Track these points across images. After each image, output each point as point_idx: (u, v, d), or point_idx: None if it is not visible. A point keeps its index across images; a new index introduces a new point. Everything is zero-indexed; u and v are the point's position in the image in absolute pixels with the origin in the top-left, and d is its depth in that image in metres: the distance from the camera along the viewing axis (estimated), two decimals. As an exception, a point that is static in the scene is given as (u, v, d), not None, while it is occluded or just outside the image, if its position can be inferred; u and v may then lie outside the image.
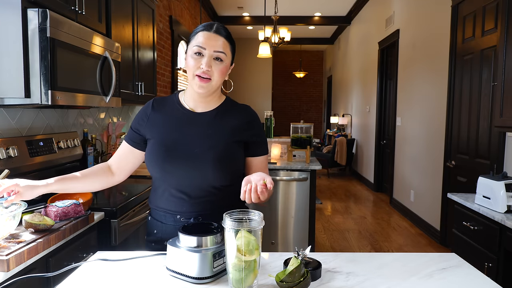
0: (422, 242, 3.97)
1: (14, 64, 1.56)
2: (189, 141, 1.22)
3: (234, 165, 1.25)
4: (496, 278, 1.91)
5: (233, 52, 1.26)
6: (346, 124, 8.85)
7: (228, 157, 1.22)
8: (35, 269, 1.24)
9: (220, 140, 1.22)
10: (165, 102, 1.31)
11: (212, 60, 1.18)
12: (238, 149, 1.25)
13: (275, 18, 5.52)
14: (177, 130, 1.24)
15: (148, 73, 3.14)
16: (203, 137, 1.22)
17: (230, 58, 1.24)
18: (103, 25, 2.28)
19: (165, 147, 1.22)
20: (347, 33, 8.81)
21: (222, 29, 1.22)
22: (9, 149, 1.77)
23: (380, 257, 1.18)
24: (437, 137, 3.93)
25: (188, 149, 1.21)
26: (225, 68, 1.21)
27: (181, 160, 1.20)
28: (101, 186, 1.32)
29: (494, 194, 1.99)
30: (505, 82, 2.20)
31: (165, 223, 1.25)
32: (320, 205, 5.50)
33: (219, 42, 1.19)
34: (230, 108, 1.30)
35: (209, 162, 1.19)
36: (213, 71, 1.18)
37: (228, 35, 1.23)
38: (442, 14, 3.81)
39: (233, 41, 1.25)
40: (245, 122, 1.28)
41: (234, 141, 1.24)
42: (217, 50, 1.18)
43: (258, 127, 1.31)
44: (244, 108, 1.32)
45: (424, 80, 4.33)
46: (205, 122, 1.25)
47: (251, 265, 0.91)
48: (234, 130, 1.25)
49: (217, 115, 1.27)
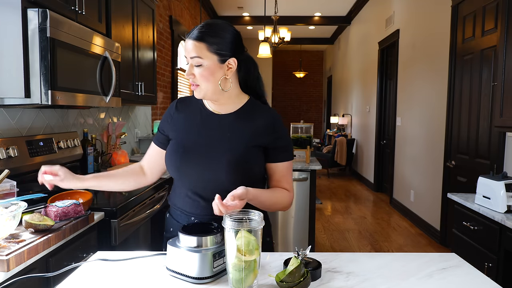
0: (422, 242, 3.97)
1: (14, 64, 1.56)
2: (207, 143, 1.20)
3: (251, 170, 1.20)
4: (496, 278, 1.90)
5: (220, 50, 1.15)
6: (346, 124, 8.85)
7: (244, 162, 1.17)
8: (35, 269, 1.24)
9: (238, 144, 1.19)
10: (189, 103, 1.31)
11: (193, 67, 1.16)
12: (257, 153, 1.20)
13: (275, 18, 5.51)
14: (197, 132, 1.23)
15: (148, 73, 3.14)
16: (221, 140, 1.20)
17: (212, 59, 1.14)
18: (103, 25, 2.28)
19: (183, 148, 1.22)
20: (347, 33, 8.81)
21: (197, 31, 1.14)
22: (9, 149, 1.77)
23: (380, 257, 1.18)
24: (437, 137, 3.93)
25: (205, 151, 1.19)
26: (207, 70, 1.14)
27: (197, 162, 1.19)
28: (133, 186, 1.36)
29: (494, 194, 1.99)
30: (505, 82, 2.20)
31: (180, 223, 1.25)
32: (320, 205, 5.50)
33: (193, 47, 1.13)
34: (253, 109, 1.25)
35: (224, 166, 1.16)
36: (197, 77, 1.16)
37: (202, 36, 1.13)
38: (442, 14, 3.81)
39: (214, 40, 1.14)
40: (266, 125, 1.21)
41: (253, 145, 1.19)
42: (192, 56, 1.14)
43: (281, 131, 1.24)
44: (267, 110, 1.26)
45: (424, 80, 4.33)
46: (226, 124, 1.22)
47: (251, 265, 0.91)
48: (254, 134, 1.20)
49: (238, 117, 1.23)
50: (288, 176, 1.27)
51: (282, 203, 1.25)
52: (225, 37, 1.16)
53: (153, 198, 2.25)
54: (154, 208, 2.21)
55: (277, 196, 1.24)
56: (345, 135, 8.29)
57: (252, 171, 1.20)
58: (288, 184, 1.27)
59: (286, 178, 1.27)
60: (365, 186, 6.97)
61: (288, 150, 1.26)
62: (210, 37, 1.14)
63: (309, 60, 12.41)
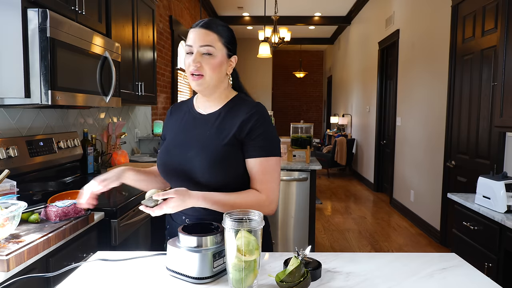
0: (422, 242, 3.97)
1: (14, 64, 1.56)
2: (186, 142, 1.21)
3: (228, 168, 1.16)
4: (496, 278, 1.90)
5: (229, 44, 1.19)
6: (346, 124, 8.85)
7: (221, 159, 1.14)
8: (35, 269, 1.24)
9: (215, 141, 1.17)
10: (181, 106, 1.33)
11: (200, 56, 1.14)
12: (233, 149, 1.16)
13: (275, 18, 5.51)
14: (182, 133, 1.25)
15: (148, 73, 3.14)
16: (200, 139, 1.20)
17: (222, 52, 1.16)
18: (103, 25, 2.28)
19: (166, 149, 1.25)
20: (347, 33, 8.81)
21: (213, 23, 1.16)
22: (9, 149, 1.77)
23: (380, 257, 1.18)
24: (437, 137, 3.93)
25: (184, 151, 1.20)
26: (218, 62, 1.15)
27: (177, 161, 1.20)
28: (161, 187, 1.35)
29: (494, 194, 1.99)
30: (505, 82, 2.20)
31: (175, 221, 1.27)
32: (320, 205, 5.50)
33: (205, 36, 1.14)
34: (236, 106, 1.22)
35: (200, 164, 1.15)
36: (204, 67, 1.14)
37: (220, 29, 1.16)
38: (442, 14, 3.81)
39: (225, 34, 1.18)
40: (243, 118, 1.17)
41: (231, 141, 1.16)
42: (203, 45, 1.14)
43: (257, 123, 1.16)
44: (249, 104, 1.21)
45: (424, 80, 4.33)
46: (208, 123, 1.22)
47: (251, 265, 0.91)
48: (233, 129, 1.17)
49: (221, 115, 1.21)
50: (260, 174, 1.16)
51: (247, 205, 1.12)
52: (231, 34, 1.21)
53: (153, 198, 2.25)
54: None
55: (241, 197, 1.14)
56: (345, 135, 8.29)
57: (230, 170, 1.16)
58: (261, 184, 1.16)
59: (258, 176, 1.16)
60: (365, 186, 6.97)
61: (263, 146, 1.16)
62: (221, 30, 1.17)
63: (309, 60, 12.40)
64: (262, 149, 1.16)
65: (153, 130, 3.86)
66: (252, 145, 1.16)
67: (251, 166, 1.17)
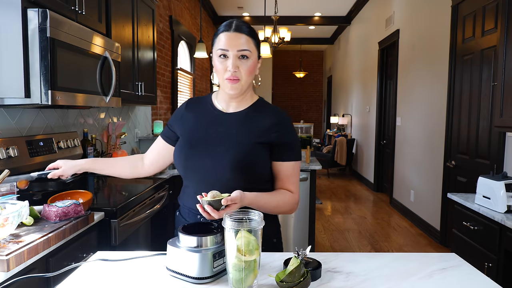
0: (422, 242, 3.97)
1: (14, 64, 1.56)
2: (212, 140, 1.22)
3: (256, 168, 1.19)
4: (496, 278, 1.90)
5: (258, 47, 1.23)
6: (346, 124, 8.85)
7: (249, 159, 1.17)
8: (35, 269, 1.24)
9: (243, 140, 1.19)
10: (199, 102, 1.33)
11: (237, 60, 1.16)
12: (263, 151, 1.20)
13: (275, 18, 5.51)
14: (204, 130, 1.25)
15: (148, 73, 3.14)
16: (226, 137, 1.21)
17: (256, 54, 1.20)
18: (103, 25, 2.28)
19: (189, 145, 1.24)
20: (347, 33, 8.81)
21: (243, 25, 1.19)
22: (9, 149, 1.78)
23: (380, 257, 1.18)
24: (437, 137, 3.93)
25: (209, 149, 1.20)
26: (253, 65, 1.19)
27: (201, 159, 1.20)
28: (130, 173, 1.43)
29: (494, 194, 1.99)
30: (505, 82, 2.20)
31: (188, 221, 1.26)
32: (320, 205, 5.50)
33: (241, 40, 1.16)
34: (261, 108, 1.26)
35: (228, 163, 1.16)
36: (241, 71, 1.17)
37: (250, 31, 1.19)
38: (442, 14, 3.81)
39: (256, 36, 1.22)
40: (272, 123, 1.21)
41: (258, 142, 1.19)
42: (240, 49, 1.16)
43: (288, 130, 1.23)
44: (275, 109, 1.27)
45: (424, 80, 4.33)
46: (233, 122, 1.23)
47: (251, 265, 0.91)
48: (260, 131, 1.20)
49: (246, 115, 1.24)
50: (292, 177, 1.25)
51: (284, 206, 1.23)
52: (258, 35, 1.24)
53: (153, 198, 2.25)
54: (154, 208, 2.21)
55: (278, 199, 1.21)
56: (345, 135, 8.29)
57: (257, 169, 1.20)
58: (293, 185, 1.25)
59: (290, 178, 1.25)
60: (365, 186, 6.97)
61: (293, 150, 1.24)
62: (252, 33, 1.21)
63: (309, 60, 12.41)
64: (292, 154, 1.24)
65: (153, 130, 3.86)
66: (284, 150, 1.23)
67: (284, 169, 1.24)
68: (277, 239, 1.34)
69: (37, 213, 1.43)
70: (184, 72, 5.65)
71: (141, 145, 3.73)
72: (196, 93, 6.45)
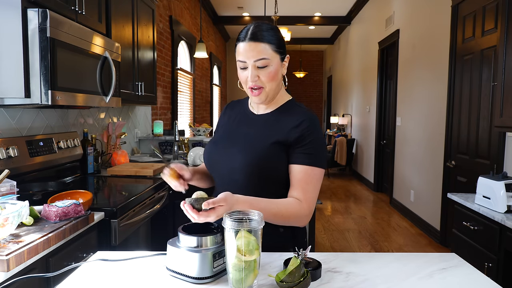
0: (422, 242, 3.97)
1: (14, 64, 1.56)
2: (233, 140, 1.23)
3: (269, 171, 1.15)
4: (496, 278, 1.90)
5: (280, 48, 1.16)
6: (346, 124, 8.85)
7: (260, 160, 1.13)
8: (35, 269, 1.24)
9: (257, 140, 1.17)
10: (237, 104, 1.36)
11: (256, 70, 1.14)
12: (276, 152, 1.15)
13: (275, 18, 5.52)
14: (231, 130, 1.28)
15: (148, 73, 3.14)
16: (243, 138, 1.21)
17: (276, 58, 1.15)
18: (103, 25, 2.28)
19: (214, 144, 1.28)
20: (347, 33, 8.81)
21: (259, 32, 1.13)
22: (9, 149, 1.77)
23: (380, 257, 1.18)
24: (437, 137, 3.93)
25: (228, 148, 1.21)
26: (274, 71, 1.15)
27: (221, 158, 1.22)
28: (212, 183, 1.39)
29: (494, 194, 1.99)
30: (505, 82, 2.20)
31: None
32: (320, 205, 5.50)
33: (256, 49, 1.12)
34: (289, 110, 1.22)
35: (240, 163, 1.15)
36: (262, 79, 1.15)
37: (267, 36, 1.14)
38: (442, 14, 3.81)
39: (273, 38, 1.15)
40: (296, 123, 1.16)
41: (273, 142, 1.15)
42: (257, 59, 1.13)
43: (308, 131, 1.14)
44: (302, 110, 1.21)
45: (424, 80, 4.33)
46: (259, 124, 1.23)
47: (251, 265, 0.91)
48: (278, 131, 1.16)
49: (272, 116, 1.23)
50: (304, 184, 1.13)
51: (290, 215, 1.11)
52: (279, 35, 1.18)
53: (153, 198, 2.25)
54: (154, 208, 2.21)
55: (280, 206, 1.10)
56: (345, 135, 8.29)
57: (271, 171, 1.15)
58: (303, 192, 1.13)
59: (301, 184, 1.13)
60: (365, 186, 6.97)
61: (310, 154, 1.14)
62: (270, 37, 1.15)
63: (309, 60, 12.40)
64: (308, 156, 1.14)
65: (153, 130, 3.86)
66: (300, 152, 1.14)
67: (295, 173, 1.15)
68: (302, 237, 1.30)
69: (37, 213, 1.43)
70: (184, 72, 5.65)
71: (141, 145, 3.73)
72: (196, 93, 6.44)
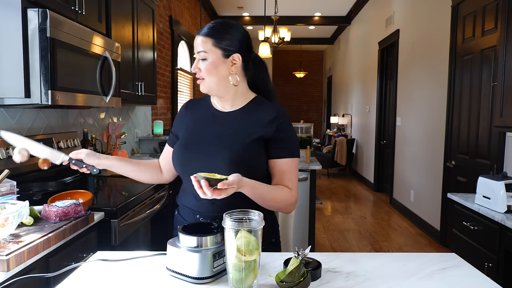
0: (422, 242, 3.97)
1: (14, 64, 1.56)
2: (208, 140, 1.22)
3: (252, 166, 1.18)
4: (496, 278, 1.90)
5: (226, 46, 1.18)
6: (346, 124, 8.85)
7: (244, 158, 1.16)
8: (35, 269, 1.24)
9: (238, 139, 1.19)
10: (199, 103, 1.35)
11: (199, 62, 1.21)
12: (258, 148, 1.19)
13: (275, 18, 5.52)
14: (201, 130, 1.26)
15: (148, 73, 3.14)
16: (223, 136, 1.21)
17: (216, 53, 1.18)
18: (103, 25, 2.28)
19: (185, 146, 1.25)
20: (347, 33, 8.81)
21: (206, 26, 1.20)
22: (9, 149, 1.77)
23: (380, 257, 1.18)
24: (437, 137, 3.93)
25: (206, 148, 1.21)
26: (211, 64, 1.18)
27: (198, 159, 1.21)
28: (151, 179, 1.41)
29: (494, 194, 1.99)
30: (505, 82, 2.20)
31: (187, 221, 1.25)
32: (320, 205, 5.50)
33: (198, 42, 1.20)
34: (260, 105, 1.25)
35: (223, 162, 1.15)
36: (202, 71, 1.20)
37: (210, 31, 1.18)
38: (442, 14, 3.81)
39: (221, 35, 1.18)
40: (268, 118, 1.20)
41: (254, 139, 1.18)
42: (198, 51, 1.20)
43: (283, 126, 1.21)
44: (272, 105, 1.25)
45: (424, 80, 4.33)
46: (230, 121, 1.24)
47: (251, 265, 0.91)
48: (255, 127, 1.20)
49: (242, 113, 1.24)
50: (289, 174, 1.22)
51: (282, 201, 1.19)
52: (232, 33, 1.21)
53: (153, 198, 2.25)
54: (154, 208, 2.21)
55: (276, 192, 1.18)
56: (345, 135, 8.29)
57: (253, 167, 1.19)
58: (290, 182, 1.22)
59: (287, 176, 1.22)
60: (365, 186, 6.97)
61: (289, 147, 1.22)
62: (216, 33, 1.19)
63: (309, 60, 12.40)
64: (290, 149, 1.22)
65: (153, 130, 3.86)
66: (281, 146, 1.21)
67: (279, 166, 1.22)
68: (276, 238, 1.34)
69: (37, 213, 1.43)
70: (184, 72, 5.65)
71: (141, 145, 3.73)
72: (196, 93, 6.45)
